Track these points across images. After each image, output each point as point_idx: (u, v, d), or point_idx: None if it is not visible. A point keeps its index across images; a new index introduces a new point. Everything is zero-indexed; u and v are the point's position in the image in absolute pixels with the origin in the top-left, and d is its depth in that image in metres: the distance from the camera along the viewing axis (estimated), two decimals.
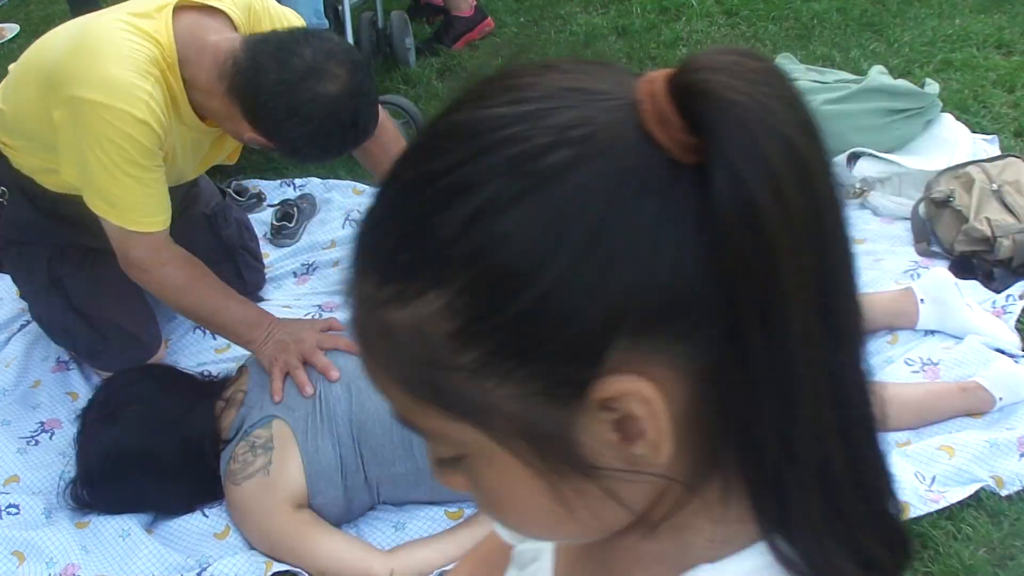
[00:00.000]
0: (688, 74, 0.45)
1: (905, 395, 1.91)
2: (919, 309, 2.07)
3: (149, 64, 1.69)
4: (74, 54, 1.71)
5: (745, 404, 0.47)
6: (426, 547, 1.72)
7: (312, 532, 1.69)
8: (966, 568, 1.62)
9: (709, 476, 0.51)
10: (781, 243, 0.44)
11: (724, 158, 0.43)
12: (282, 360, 1.80)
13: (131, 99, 1.66)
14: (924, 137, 2.69)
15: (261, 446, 1.73)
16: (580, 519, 0.51)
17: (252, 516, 1.73)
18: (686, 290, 0.45)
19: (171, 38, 1.73)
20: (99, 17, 1.78)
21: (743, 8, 3.73)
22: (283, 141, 1.75)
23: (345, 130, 1.74)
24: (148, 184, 1.74)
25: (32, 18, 4.32)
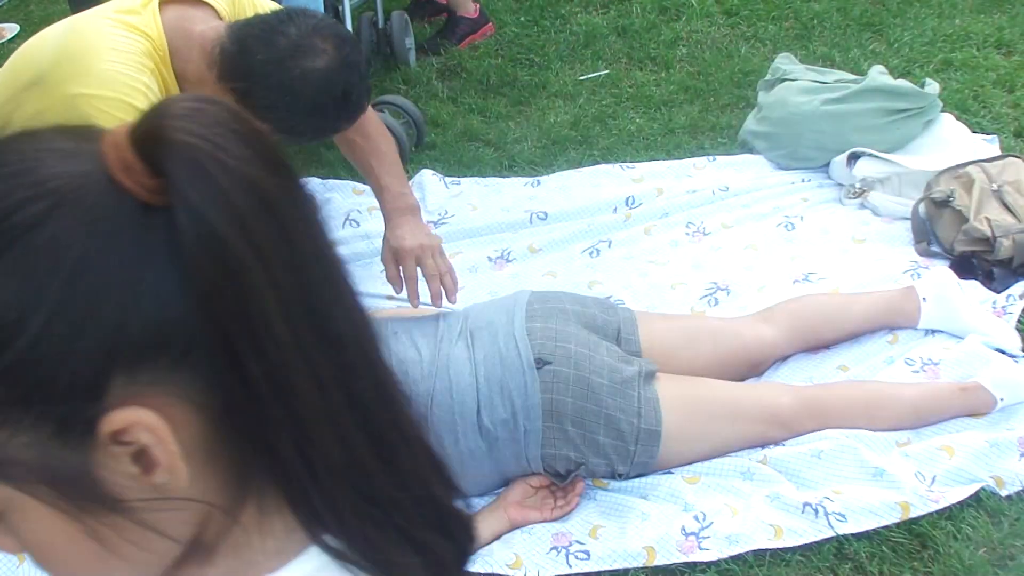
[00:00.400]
0: (147, 123, 0.49)
1: (905, 395, 1.91)
2: (921, 308, 2.07)
3: (143, 57, 1.69)
4: (65, 54, 1.70)
5: (257, 421, 0.50)
6: None
7: None
8: (966, 568, 1.62)
9: (246, 493, 0.54)
10: (251, 269, 0.47)
11: (184, 197, 0.47)
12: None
13: (129, 90, 1.65)
14: (924, 137, 2.69)
15: None
16: (127, 556, 0.53)
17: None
18: (170, 323, 0.48)
19: (160, 32, 1.73)
20: (85, 17, 1.77)
21: (743, 8, 3.73)
22: (277, 122, 1.72)
23: (338, 104, 1.74)
24: None
25: (32, 18, 4.32)
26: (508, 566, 1.67)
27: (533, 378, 1.75)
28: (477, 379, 1.76)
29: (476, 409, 1.75)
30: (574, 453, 1.76)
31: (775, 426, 1.84)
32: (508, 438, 1.75)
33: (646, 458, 1.79)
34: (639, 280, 2.42)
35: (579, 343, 1.81)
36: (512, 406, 1.74)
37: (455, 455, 1.76)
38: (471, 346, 1.82)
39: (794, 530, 1.68)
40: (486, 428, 1.75)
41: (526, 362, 1.77)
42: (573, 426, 1.75)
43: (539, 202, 2.75)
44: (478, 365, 1.78)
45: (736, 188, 2.70)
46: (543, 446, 1.75)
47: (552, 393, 1.74)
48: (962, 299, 2.07)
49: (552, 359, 1.77)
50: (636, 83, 3.35)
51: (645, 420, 1.77)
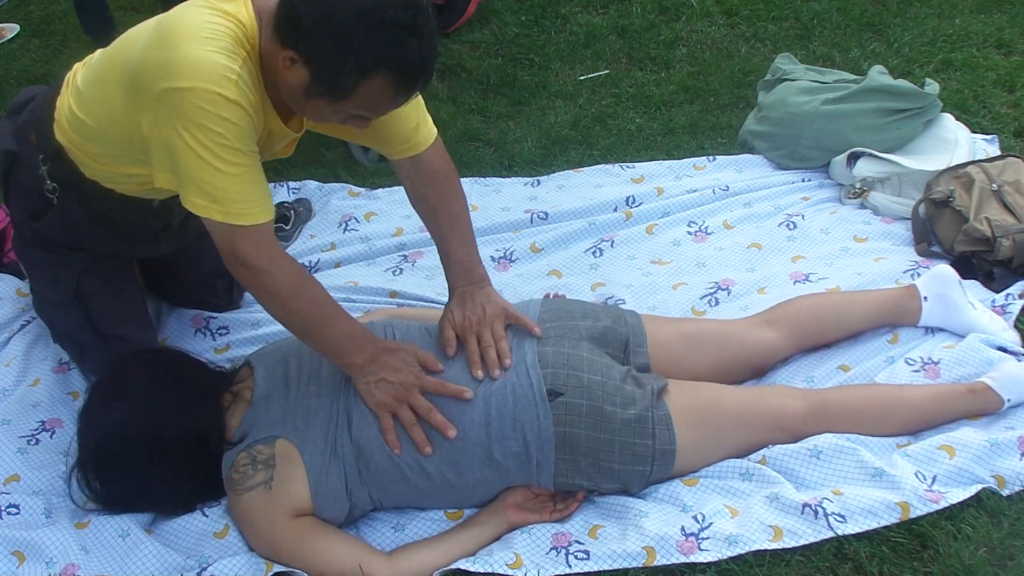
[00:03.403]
0: None
1: (913, 398, 1.90)
2: (922, 306, 2.07)
3: (234, 44, 1.60)
4: (155, 47, 1.61)
5: None
6: (427, 549, 1.72)
7: (314, 537, 1.69)
8: (966, 568, 1.62)
9: None
10: None
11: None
12: (391, 408, 1.73)
13: (220, 80, 1.56)
14: (924, 137, 2.69)
15: (263, 462, 1.72)
16: None
17: (256, 526, 1.73)
18: None
19: (252, 16, 1.65)
20: (179, 8, 1.68)
21: (743, 8, 3.73)
22: (324, 63, 1.56)
23: (397, 30, 1.53)
24: (247, 171, 1.62)
25: (32, 18, 4.32)
26: (508, 566, 1.67)
27: (546, 412, 1.73)
28: (487, 414, 1.73)
29: (486, 444, 1.73)
30: (587, 482, 1.76)
31: (783, 432, 1.84)
32: (520, 469, 1.74)
33: (661, 475, 1.79)
34: (642, 279, 2.42)
35: (591, 369, 1.78)
36: (524, 439, 1.73)
37: (459, 483, 1.75)
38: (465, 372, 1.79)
39: (794, 531, 1.68)
40: (496, 461, 1.73)
41: (538, 394, 1.74)
42: (586, 457, 1.74)
43: (539, 202, 2.76)
44: (487, 397, 1.75)
45: (736, 188, 2.70)
46: (556, 476, 1.75)
47: (565, 426, 1.73)
48: (963, 298, 2.06)
49: (564, 390, 1.75)
50: (636, 83, 3.35)
51: (660, 441, 1.76)
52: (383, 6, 1.52)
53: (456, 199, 2.00)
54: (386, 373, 1.74)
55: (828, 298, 2.17)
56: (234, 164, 1.60)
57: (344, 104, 1.62)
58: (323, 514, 1.73)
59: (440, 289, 2.43)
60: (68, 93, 1.86)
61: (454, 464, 1.73)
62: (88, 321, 2.07)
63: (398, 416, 1.73)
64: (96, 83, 1.79)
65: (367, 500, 1.77)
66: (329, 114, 1.67)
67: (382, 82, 1.58)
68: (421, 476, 1.74)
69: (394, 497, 1.78)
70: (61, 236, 2.01)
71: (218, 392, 1.86)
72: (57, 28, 4.21)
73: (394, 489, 1.75)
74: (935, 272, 2.10)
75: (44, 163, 1.90)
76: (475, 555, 1.71)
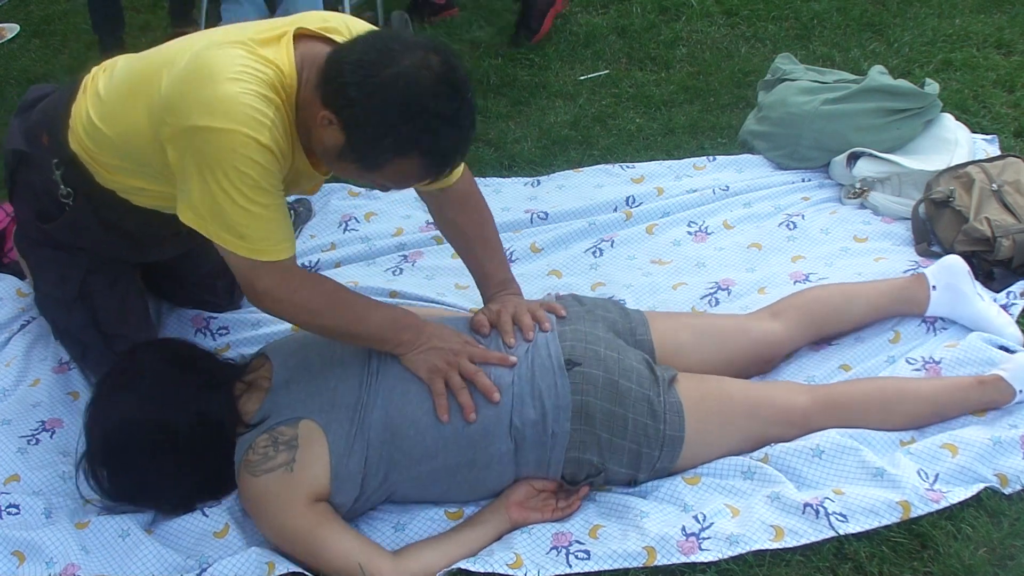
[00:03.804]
0: None
1: (923, 390, 1.89)
2: (931, 295, 2.07)
3: (269, 89, 1.60)
4: (189, 82, 1.61)
5: None
6: (431, 548, 1.72)
7: (327, 530, 1.69)
8: (966, 568, 1.62)
9: None
10: None
11: None
12: (443, 373, 1.75)
13: (253, 123, 1.57)
14: (924, 137, 2.69)
15: (284, 443, 1.71)
16: None
17: (268, 509, 1.71)
18: None
19: (291, 63, 1.64)
20: (218, 44, 1.65)
21: (743, 8, 3.74)
22: (361, 136, 1.58)
23: (435, 118, 1.55)
24: (274, 210, 1.65)
25: (32, 18, 4.32)
26: (508, 566, 1.67)
27: (564, 380, 1.75)
28: (510, 383, 1.76)
29: (509, 410, 1.74)
30: (597, 458, 1.76)
31: (790, 426, 1.84)
32: (535, 440, 1.75)
33: (667, 463, 1.79)
34: (642, 279, 2.42)
35: (608, 346, 1.81)
36: (542, 407, 1.74)
37: (483, 459, 1.75)
38: (500, 346, 1.82)
39: (795, 531, 1.68)
40: (516, 428, 1.74)
41: (556, 363, 1.77)
42: (601, 429, 1.74)
43: (539, 202, 2.76)
44: (512, 369, 1.78)
45: (736, 188, 2.70)
46: (568, 449, 1.75)
47: (582, 395, 1.74)
48: (971, 289, 2.06)
49: (582, 361, 1.77)
50: (636, 83, 3.35)
51: (670, 426, 1.77)
52: (429, 95, 1.54)
53: (488, 223, 2.05)
54: (435, 342, 1.79)
55: (833, 288, 2.16)
56: (261, 204, 1.62)
57: (373, 174, 1.65)
58: (337, 498, 1.73)
59: (440, 289, 2.44)
60: (86, 99, 1.84)
61: (487, 433, 1.74)
62: (93, 320, 2.07)
63: (449, 381, 1.75)
64: (121, 97, 1.78)
65: (376, 490, 1.76)
66: (356, 177, 1.72)
67: (414, 164, 1.61)
68: (454, 449, 1.74)
69: (411, 480, 1.77)
70: (70, 239, 2.01)
71: (229, 381, 1.85)
72: (57, 28, 4.21)
73: (417, 469, 1.75)
74: (945, 262, 2.10)
75: (58, 168, 1.90)
76: (476, 555, 1.71)
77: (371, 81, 1.54)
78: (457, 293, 2.42)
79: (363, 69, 1.55)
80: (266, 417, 1.77)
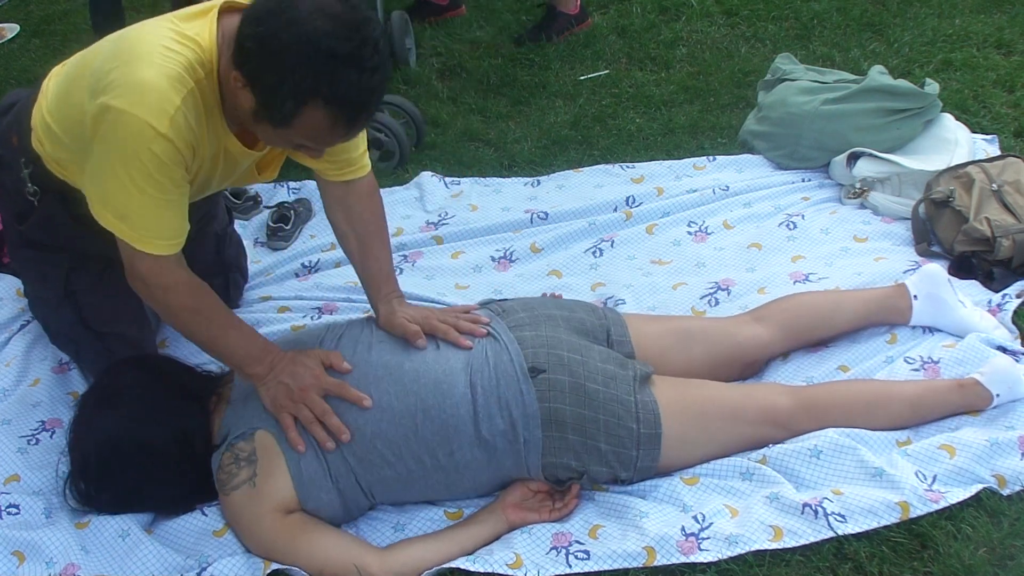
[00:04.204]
0: None
1: (902, 392, 1.90)
2: (912, 305, 2.07)
3: (185, 72, 1.60)
4: (111, 59, 1.63)
5: None
6: (422, 545, 1.72)
7: (304, 533, 1.69)
8: (966, 568, 1.62)
9: None
10: None
11: None
12: (287, 409, 1.74)
13: (157, 112, 1.57)
14: (924, 137, 2.69)
15: (245, 459, 1.73)
16: None
17: (243, 523, 1.74)
18: None
19: (212, 37, 1.64)
20: (145, 24, 1.70)
21: (743, 8, 3.74)
22: (262, 89, 1.54)
23: (327, 58, 1.48)
24: (162, 204, 1.65)
25: (32, 18, 4.32)
26: (508, 566, 1.67)
27: (529, 388, 1.74)
28: (473, 391, 1.75)
29: (474, 422, 1.73)
30: (575, 461, 1.76)
31: (774, 427, 1.84)
32: (508, 448, 1.75)
33: (648, 462, 1.79)
34: (642, 279, 2.42)
35: (571, 349, 1.80)
36: (510, 416, 1.73)
37: (449, 464, 1.75)
38: (455, 356, 1.80)
39: (794, 531, 1.68)
40: (484, 439, 1.74)
41: (520, 371, 1.76)
42: (574, 433, 1.74)
43: (539, 202, 2.76)
44: (472, 375, 1.76)
45: (736, 188, 2.70)
46: (544, 455, 1.75)
47: (550, 402, 1.74)
48: (952, 297, 2.07)
49: (546, 367, 1.76)
50: (636, 83, 3.35)
51: (644, 424, 1.76)
52: (323, 35, 1.49)
53: (384, 219, 2.02)
54: (284, 376, 1.76)
55: (818, 295, 2.17)
56: (149, 195, 1.63)
57: (287, 132, 1.61)
58: (310, 505, 1.73)
59: (440, 289, 2.44)
60: (42, 99, 1.86)
61: (445, 441, 1.73)
62: (79, 318, 2.07)
63: (298, 416, 1.73)
64: (65, 92, 1.80)
65: (357, 489, 1.76)
66: (276, 140, 1.68)
67: (318, 113, 1.55)
68: (410, 457, 1.74)
69: (385, 484, 1.77)
70: (46, 238, 2.01)
71: (206, 396, 1.87)
72: (57, 28, 4.21)
73: (383, 472, 1.75)
74: (924, 271, 2.11)
75: (26, 166, 1.91)
76: (474, 555, 1.71)
77: (265, 29, 1.52)
78: (457, 293, 2.42)
79: (258, 19, 1.53)
80: (227, 434, 1.78)
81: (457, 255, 2.59)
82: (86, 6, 3.76)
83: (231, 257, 2.38)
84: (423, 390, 1.75)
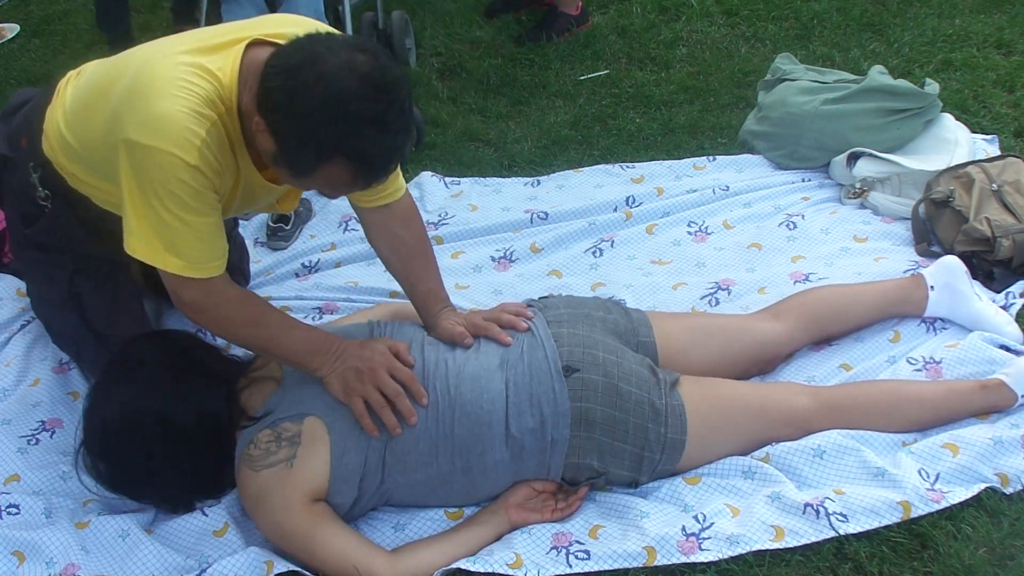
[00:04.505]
0: None
1: (924, 394, 1.89)
2: (928, 295, 2.07)
3: (204, 105, 1.60)
4: (131, 95, 1.63)
5: None
6: (429, 547, 1.72)
7: (324, 528, 1.69)
8: (966, 568, 1.62)
9: None
10: None
11: None
12: (358, 392, 1.72)
13: (182, 143, 1.57)
14: (924, 137, 2.69)
15: (287, 439, 1.71)
16: None
17: (266, 505, 1.71)
18: None
19: (234, 72, 1.63)
20: (164, 55, 1.67)
21: (743, 8, 3.74)
22: (286, 142, 1.55)
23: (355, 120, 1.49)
24: (200, 228, 1.65)
25: (32, 18, 4.32)
26: (508, 566, 1.67)
27: (562, 386, 1.74)
28: (507, 387, 1.74)
29: (504, 419, 1.73)
30: (598, 462, 1.76)
31: (792, 428, 1.84)
32: (535, 447, 1.74)
33: (668, 465, 1.79)
34: (642, 279, 2.42)
35: (607, 350, 1.80)
36: (541, 414, 1.73)
37: (478, 467, 1.75)
38: (494, 353, 1.80)
39: (795, 531, 1.68)
40: (513, 437, 1.73)
41: (554, 369, 1.75)
42: (602, 434, 1.74)
43: (539, 202, 2.76)
44: (508, 371, 1.76)
45: (736, 188, 2.70)
46: (568, 455, 1.75)
47: (581, 401, 1.73)
48: (970, 288, 2.07)
49: (580, 366, 1.76)
50: (636, 83, 3.35)
51: (672, 429, 1.76)
52: (351, 96, 1.49)
53: (428, 239, 2.02)
54: (351, 361, 1.76)
55: (835, 289, 2.17)
56: (187, 223, 1.63)
57: (306, 180, 1.62)
58: (334, 498, 1.72)
59: None
60: (59, 106, 1.85)
61: (478, 440, 1.73)
62: (83, 320, 2.07)
63: (368, 399, 1.72)
64: (83, 107, 1.80)
65: (374, 493, 1.76)
66: (293, 183, 1.69)
67: (341, 171, 1.56)
68: (446, 457, 1.73)
69: (407, 487, 1.77)
70: (53, 241, 2.01)
71: (233, 376, 1.86)
72: (57, 28, 4.20)
73: (413, 476, 1.75)
74: (943, 262, 2.11)
75: (35, 170, 1.91)
76: (476, 555, 1.71)
77: (293, 83, 1.51)
78: (457, 293, 2.42)
79: (287, 72, 1.52)
80: (271, 411, 1.76)
81: (457, 255, 2.59)
82: (86, 6, 3.76)
83: (234, 261, 2.37)
84: (463, 385, 1.75)
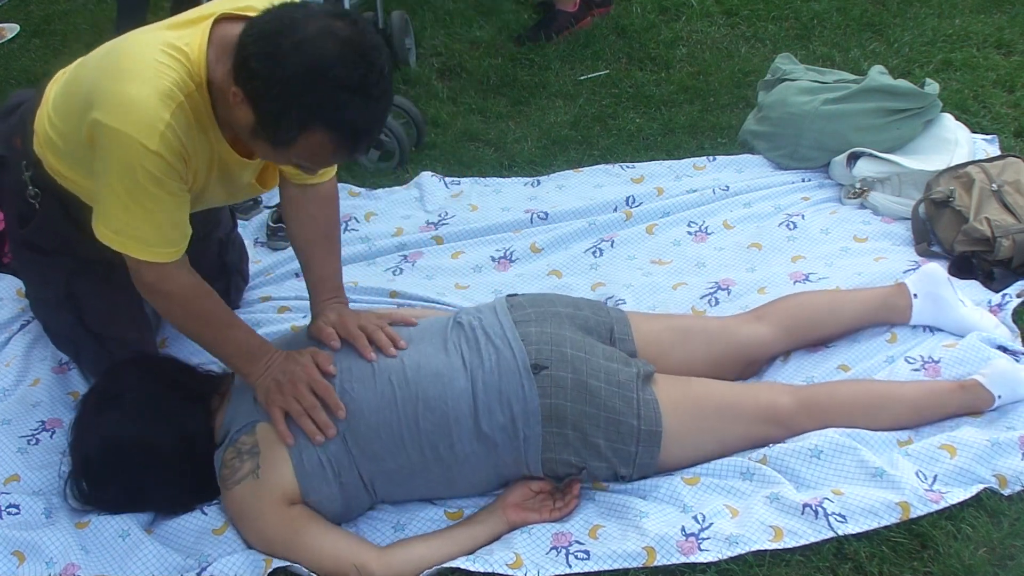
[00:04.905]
0: None
1: (904, 393, 1.91)
2: (912, 304, 2.07)
3: (175, 86, 1.60)
4: (102, 74, 1.65)
5: None
6: (422, 544, 1.72)
7: (306, 527, 1.70)
8: (966, 568, 1.62)
9: None
10: None
11: None
12: (277, 402, 1.75)
13: (147, 129, 1.57)
14: (924, 137, 2.69)
15: (247, 451, 1.74)
16: None
17: (246, 518, 1.74)
18: None
19: (202, 49, 1.63)
20: (136, 34, 1.70)
21: (743, 8, 3.73)
22: (267, 110, 1.53)
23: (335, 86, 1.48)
24: (157, 213, 1.66)
25: (32, 18, 4.32)
26: (508, 566, 1.67)
27: (531, 384, 1.75)
28: (473, 385, 1.75)
29: (473, 415, 1.74)
30: (575, 457, 1.76)
31: (774, 426, 1.84)
32: (507, 444, 1.75)
33: (648, 459, 1.79)
34: (642, 279, 2.42)
35: (574, 346, 1.81)
36: (511, 412, 1.74)
37: (449, 457, 1.76)
38: (461, 351, 1.81)
39: (794, 531, 1.68)
40: (484, 434, 1.74)
41: (522, 367, 1.76)
42: (573, 430, 1.74)
43: (539, 202, 2.76)
44: (473, 371, 1.77)
45: (736, 188, 2.70)
46: (543, 451, 1.75)
47: (551, 398, 1.74)
48: (953, 296, 2.07)
49: (549, 363, 1.77)
50: (636, 83, 3.35)
51: (645, 421, 1.76)
52: (331, 63, 1.48)
53: (339, 227, 2.04)
54: (276, 372, 1.79)
55: (819, 295, 2.17)
56: (145, 208, 1.65)
57: (286, 152, 1.61)
58: (311, 497, 1.73)
59: (440, 289, 2.44)
60: (45, 104, 1.86)
61: (445, 433, 1.74)
62: (80, 321, 2.08)
63: (287, 409, 1.75)
64: (64, 106, 1.80)
65: (359, 484, 1.77)
66: (273, 157, 1.68)
67: (321, 138, 1.55)
68: (414, 448, 1.74)
69: (388, 476, 1.77)
70: (47, 241, 2.02)
71: (208, 396, 1.89)
72: (57, 28, 4.20)
73: (385, 464, 1.75)
74: (924, 270, 2.11)
75: (27, 169, 1.92)
76: (474, 554, 1.71)
77: (271, 50, 1.50)
78: (457, 293, 2.42)
79: (264, 38, 1.51)
80: (228, 430, 1.79)
81: (457, 255, 2.59)
82: (86, 6, 3.76)
83: (233, 261, 2.39)
84: (424, 380, 1.76)
